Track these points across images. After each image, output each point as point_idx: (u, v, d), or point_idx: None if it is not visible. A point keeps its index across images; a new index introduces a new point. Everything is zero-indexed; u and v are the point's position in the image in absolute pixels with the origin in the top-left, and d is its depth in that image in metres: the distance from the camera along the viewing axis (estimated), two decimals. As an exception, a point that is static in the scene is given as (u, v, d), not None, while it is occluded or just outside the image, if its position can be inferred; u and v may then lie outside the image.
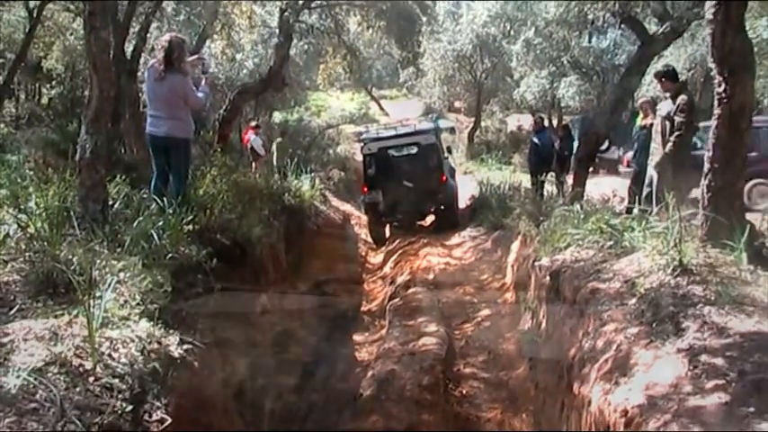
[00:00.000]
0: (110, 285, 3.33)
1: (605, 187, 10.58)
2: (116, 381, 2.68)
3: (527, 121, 25.19)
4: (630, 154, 14.91)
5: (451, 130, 27.75)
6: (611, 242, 5.09)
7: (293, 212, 9.80)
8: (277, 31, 14.06)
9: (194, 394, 3.32)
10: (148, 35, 11.33)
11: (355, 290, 10.21)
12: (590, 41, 23.02)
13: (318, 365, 6.71)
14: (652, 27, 10.60)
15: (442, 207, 13.39)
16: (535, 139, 13.32)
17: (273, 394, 5.53)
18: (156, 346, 3.12)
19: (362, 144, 14.28)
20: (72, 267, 3.43)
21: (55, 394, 2.37)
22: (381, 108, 35.85)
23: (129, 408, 2.57)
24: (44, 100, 18.57)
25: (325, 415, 5.56)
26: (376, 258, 13.15)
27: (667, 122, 6.87)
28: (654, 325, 3.38)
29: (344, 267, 11.04)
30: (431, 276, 9.29)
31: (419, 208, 13.48)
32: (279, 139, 16.26)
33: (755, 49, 4.94)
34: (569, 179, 11.38)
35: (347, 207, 16.73)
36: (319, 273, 9.89)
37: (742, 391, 2.63)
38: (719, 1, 4.32)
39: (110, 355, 2.85)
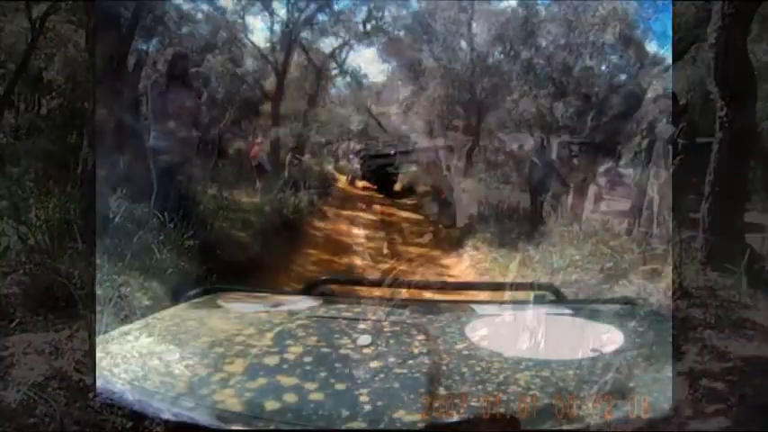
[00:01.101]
0: (111, 299, 3.31)
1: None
2: (116, 396, 2.66)
3: (526, 141, 25.19)
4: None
5: (450, 149, 27.78)
6: (611, 263, 5.08)
7: (293, 228, 9.78)
8: (278, 46, 14.14)
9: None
10: (150, 48, 11.38)
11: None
12: (590, 62, 23.09)
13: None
14: (653, 48, 10.67)
15: (440, 225, 13.35)
16: (535, 159, 13.35)
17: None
18: (156, 362, 3.10)
19: (361, 161, 14.29)
20: (73, 281, 3.41)
21: (55, 409, 2.36)
22: (380, 125, 35.85)
23: (130, 424, 2.55)
24: (44, 111, 18.51)
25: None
26: (373, 275, 13.06)
27: (669, 146, 6.91)
28: (653, 348, 3.37)
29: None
30: (428, 294, 9.23)
31: (417, 225, 13.44)
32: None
33: (756, 72, 4.97)
34: (569, 199, 11.40)
35: (345, 224, 16.66)
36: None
37: (743, 416, 2.62)
38: (722, 25, 4.36)
39: (110, 371, 2.83)
